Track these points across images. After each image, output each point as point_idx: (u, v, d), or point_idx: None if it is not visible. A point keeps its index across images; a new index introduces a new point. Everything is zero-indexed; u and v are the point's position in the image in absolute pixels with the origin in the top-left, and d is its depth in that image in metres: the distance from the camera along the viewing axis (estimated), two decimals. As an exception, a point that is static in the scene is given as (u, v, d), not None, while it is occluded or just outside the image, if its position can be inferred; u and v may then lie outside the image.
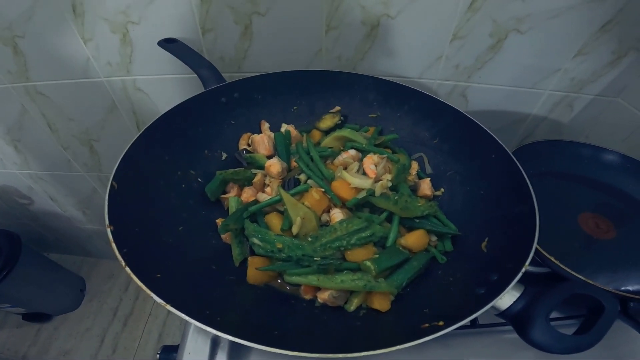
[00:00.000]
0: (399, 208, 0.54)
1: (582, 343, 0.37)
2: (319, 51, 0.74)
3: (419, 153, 0.67)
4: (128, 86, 0.82)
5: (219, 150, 0.66)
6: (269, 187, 0.60)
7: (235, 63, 0.77)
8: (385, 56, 0.74)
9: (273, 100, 0.71)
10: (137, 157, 0.54)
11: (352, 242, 0.50)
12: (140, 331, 1.50)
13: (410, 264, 0.51)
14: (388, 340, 0.37)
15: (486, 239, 0.52)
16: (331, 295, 0.48)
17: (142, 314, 1.55)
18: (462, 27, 0.67)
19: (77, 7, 0.66)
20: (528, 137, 0.86)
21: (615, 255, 0.60)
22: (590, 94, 0.75)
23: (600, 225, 0.63)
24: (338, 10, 0.67)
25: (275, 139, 0.65)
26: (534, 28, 0.65)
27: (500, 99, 0.79)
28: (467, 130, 0.62)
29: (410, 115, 0.69)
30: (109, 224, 0.44)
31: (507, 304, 0.40)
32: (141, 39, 0.72)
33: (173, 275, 0.46)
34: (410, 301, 0.49)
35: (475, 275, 0.48)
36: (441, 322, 0.39)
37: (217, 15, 0.68)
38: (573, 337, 0.38)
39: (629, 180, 0.70)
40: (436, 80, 0.77)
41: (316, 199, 0.55)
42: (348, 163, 0.60)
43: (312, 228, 0.53)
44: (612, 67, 0.70)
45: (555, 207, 0.64)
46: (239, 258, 0.55)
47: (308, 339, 0.43)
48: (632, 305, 0.52)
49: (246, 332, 0.39)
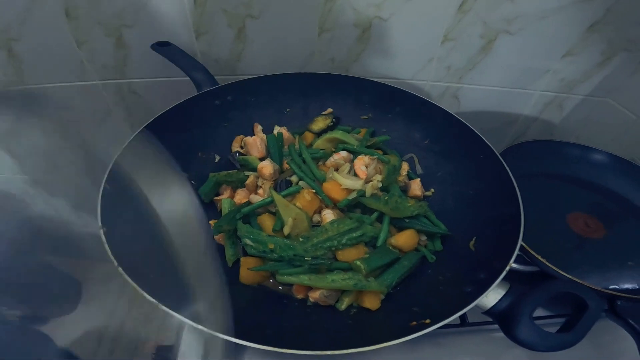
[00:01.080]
0: (389, 208, 0.54)
1: (565, 341, 0.38)
2: (312, 53, 0.75)
3: (410, 154, 0.68)
4: (122, 89, 0.82)
5: (212, 152, 0.67)
6: (262, 189, 0.60)
7: (229, 66, 0.77)
8: (378, 58, 0.75)
9: (266, 103, 0.71)
10: (130, 159, 0.55)
11: (343, 242, 0.51)
12: (137, 333, 1.50)
13: (401, 263, 0.52)
14: (377, 337, 0.37)
15: (474, 238, 0.53)
16: (322, 294, 0.49)
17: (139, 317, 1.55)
18: (453, 28, 0.68)
19: (70, 11, 0.66)
20: (519, 138, 0.87)
21: (604, 254, 0.61)
22: (580, 95, 0.76)
23: (589, 225, 0.64)
24: (331, 12, 0.68)
25: (267, 141, 0.65)
26: (524, 29, 0.66)
27: (492, 100, 0.79)
28: (457, 132, 0.63)
29: (402, 117, 0.70)
30: (101, 226, 0.45)
31: (493, 302, 0.41)
32: (135, 42, 0.73)
33: (167, 275, 0.47)
34: (400, 300, 0.50)
35: (464, 274, 0.48)
36: (428, 320, 0.39)
37: (211, 18, 0.69)
38: (557, 335, 0.39)
39: (618, 179, 0.71)
40: (428, 81, 0.77)
41: (307, 200, 0.56)
42: (339, 164, 0.61)
43: (303, 229, 0.54)
44: (601, 67, 0.71)
45: (545, 207, 0.65)
46: (232, 258, 0.55)
47: (301, 337, 0.44)
48: (619, 303, 0.52)
49: (240, 331, 0.40)
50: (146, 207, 0.55)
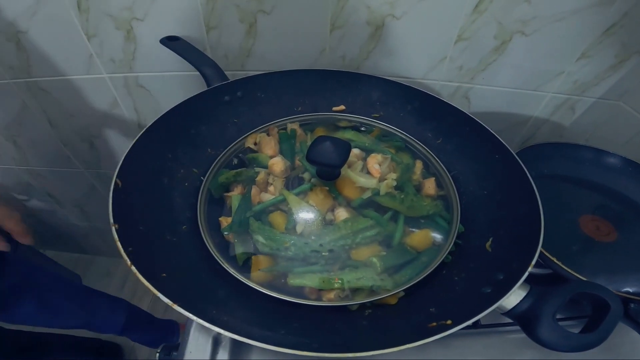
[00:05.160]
0: (405, 207, 0.54)
1: (589, 341, 0.38)
2: (323, 50, 0.74)
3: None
4: (130, 83, 0.82)
5: (221, 148, 0.66)
6: (272, 186, 0.60)
7: (239, 61, 0.77)
8: (389, 56, 0.74)
9: (276, 100, 0.71)
10: (140, 155, 0.54)
11: (357, 241, 0.50)
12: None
13: (419, 259, 0.52)
14: (396, 339, 0.37)
15: (490, 239, 0.52)
16: (336, 295, 0.48)
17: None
18: (467, 28, 0.67)
19: (82, 3, 0.66)
20: (530, 140, 0.87)
21: (616, 257, 0.60)
22: (592, 97, 0.76)
23: (600, 228, 0.64)
24: (343, 9, 0.67)
25: (279, 138, 0.65)
26: (539, 31, 0.66)
27: (503, 101, 0.79)
28: (470, 131, 0.63)
29: (414, 116, 0.69)
30: (113, 222, 0.44)
31: (514, 303, 0.40)
32: (145, 36, 0.72)
33: (178, 274, 0.46)
34: (416, 301, 0.49)
35: (481, 274, 0.48)
36: (449, 321, 0.39)
37: (223, 12, 0.68)
38: (580, 336, 0.38)
39: (630, 183, 0.70)
40: (439, 81, 0.77)
41: (320, 198, 0.55)
42: (352, 162, 0.60)
43: (316, 227, 0.53)
44: (614, 70, 0.70)
45: (557, 209, 0.64)
46: (243, 257, 0.54)
47: (314, 338, 0.43)
48: (632, 306, 0.52)
49: (253, 331, 0.39)
50: (157, 204, 0.54)
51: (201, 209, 0.57)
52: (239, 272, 0.52)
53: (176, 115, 0.60)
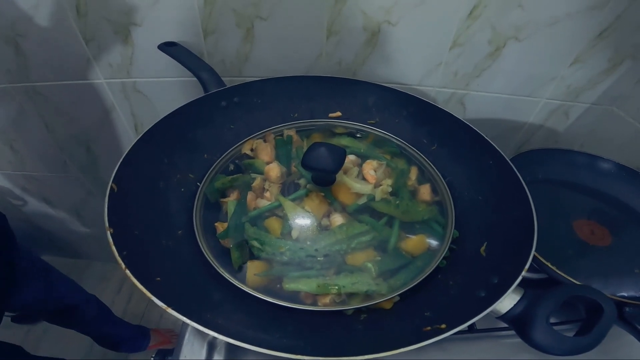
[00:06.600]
0: (400, 212, 0.54)
1: (583, 344, 0.38)
2: (319, 56, 0.75)
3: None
4: (127, 88, 0.82)
5: (218, 154, 0.66)
6: (268, 192, 0.60)
7: (236, 67, 0.77)
8: (385, 62, 0.75)
9: (273, 106, 0.71)
10: (137, 160, 0.54)
11: (353, 246, 0.51)
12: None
13: (414, 264, 0.52)
14: (391, 343, 0.37)
15: (485, 244, 0.52)
16: (332, 299, 0.48)
17: (135, 317, 1.53)
18: (462, 34, 0.68)
19: (80, 7, 0.66)
20: (525, 145, 0.87)
21: (611, 262, 0.61)
22: (586, 103, 0.76)
23: (595, 232, 0.64)
24: (340, 15, 0.68)
25: (276, 144, 0.65)
26: (532, 36, 0.67)
27: (498, 107, 0.80)
28: (465, 137, 0.63)
29: (409, 122, 0.70)
30: (108, 227, 0.44)
31: (508, 307, 0.41)
32: (143, 41, 0.72)
33: (173, 278, 0.46)
34: (411, 305, 0.49)
35: (475, 278, 0.48)
36: (443, 325, 0.39)
37: (220, 18, 0.69)
38: (574, 339, 0.39)
39: (624, 188, 0.71)
40: (435, 87, 0.78)
41: (316, 204, 0.55)
42: (348, 168, 0.60)
43: (311, 232, 0.53)
44: (607, 74, 0.71)
45: (551, 214, 0.65)
46: (239, 262, 0.54)
47: (309, 341, 0.43)
48: (627, 310, 0.52)
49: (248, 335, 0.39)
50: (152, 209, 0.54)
51: (197, 214, 0.57)
52: (235, 276, 0.52)
53: (173, 120, 0.60)
